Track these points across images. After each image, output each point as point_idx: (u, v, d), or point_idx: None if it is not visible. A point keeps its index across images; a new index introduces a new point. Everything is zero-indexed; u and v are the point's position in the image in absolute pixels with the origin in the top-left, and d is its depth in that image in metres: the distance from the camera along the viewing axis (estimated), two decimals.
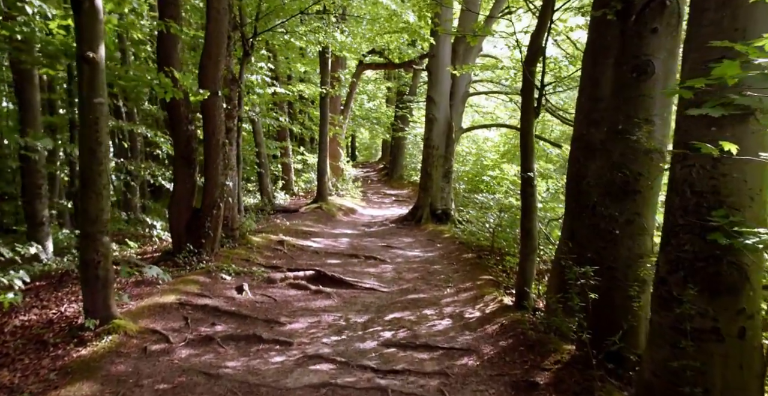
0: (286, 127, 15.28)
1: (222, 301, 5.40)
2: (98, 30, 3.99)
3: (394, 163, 24.19)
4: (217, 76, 6.49)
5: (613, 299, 3.74)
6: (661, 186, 3.91)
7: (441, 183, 12.32)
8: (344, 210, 14.06)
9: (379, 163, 33.22)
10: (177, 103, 6.52)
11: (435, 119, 12.14)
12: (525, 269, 5.69)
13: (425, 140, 12.47)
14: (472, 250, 9.00)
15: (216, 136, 6.63)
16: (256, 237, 8.49)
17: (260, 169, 12.61)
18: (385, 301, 6.17)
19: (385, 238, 10.81)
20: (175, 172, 6.67)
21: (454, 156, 12.63)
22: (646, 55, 3.87)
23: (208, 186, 6.66)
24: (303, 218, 11.80)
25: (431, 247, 9.87)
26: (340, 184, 16.21)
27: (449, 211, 12.27)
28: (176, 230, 6.66)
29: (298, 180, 17.39)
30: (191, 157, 6.69)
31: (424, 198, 12.44)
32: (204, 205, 6.70)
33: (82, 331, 3.87)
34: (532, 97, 5.88)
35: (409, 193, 20.42)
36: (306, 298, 6.05)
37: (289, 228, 10.14)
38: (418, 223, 12.20)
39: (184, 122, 6.63)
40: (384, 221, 13.06)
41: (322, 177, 13.41)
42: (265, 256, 7.73)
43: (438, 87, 12.09)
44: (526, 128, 5.89)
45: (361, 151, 45.87)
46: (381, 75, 29.36)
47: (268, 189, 12.73)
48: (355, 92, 17.25)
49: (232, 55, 7.97)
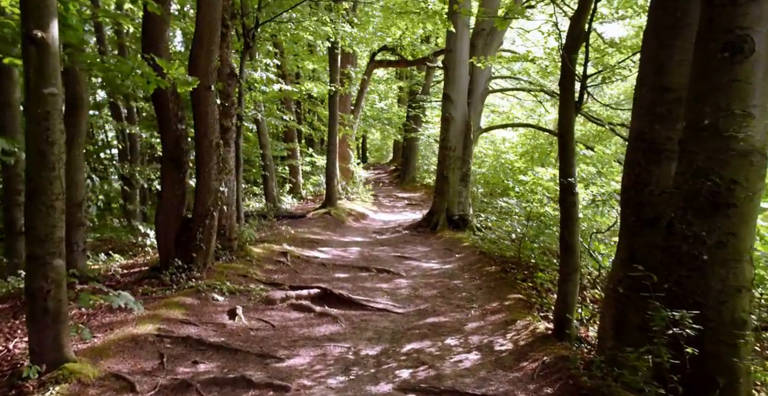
0: (294, 128, 14.53)
1: (210, 329, 4.59)
2: (48, 3, 3.21)
3: (406, 164, 23.35)
4: (210, 68, 5.71)
5: (703, 345, 2.86)
6: (761, 197, 3.03)
7: (458, 187, 11.46)
8: (354, 215, 13.25)
9: (391, 165, 32.42)
10: (165, 98, 5.76)
11: (452, 118, 11.29)
12: (566, 292, 4.82)
13: (441, 141, 11.63)
14: (495, 262, 8.13)
15: (209, 136, 5.85)
16: (257, 248, 7.70)
17: (265, 172, 11.85)
18: (400, 325, 5.34)
19: (399, 246, 9.97)
20: (163, 177, 5.91)
21: (472, 158, 11.77)
22: (742, 28, 2.99)
23: (201, 192, 5.89)
24: (310, 225, 11.01)
25: (449, 257, 9.01)
26: (350, 188, 15.41)
27: (467, 217, 11.41)
28: (163, 243, 5.89)
29: (307, 183, 16.63)
30: (181, 159, 5.92)
31: (439, 203, 11.59)
32: (195, 213, 5.93)
33: (23, 381, 3.08)
34: (573, 89, 5.02)
35: (422, 197, 19.57)
36: (309, 322, 5.23)
37: (295, 236, 9.34)
38: (433, 230, 11.35)
39: (173, 120, 5.86)
40: (397, 227, 12.22)
41: (330, 180, 12.62)
42: (266, 271, 6.93)
43: (455, 84, 11.24)
44: (565, 126, 5.03)
45: (372, 153, 45.09)
46: (392, 74, 28.57)
47: (273, 193, 11.97)
48: (366, 91, 16.45)
49: (230, 47, 7.20)
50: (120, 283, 5.76)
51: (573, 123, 5.02)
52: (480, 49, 11.29)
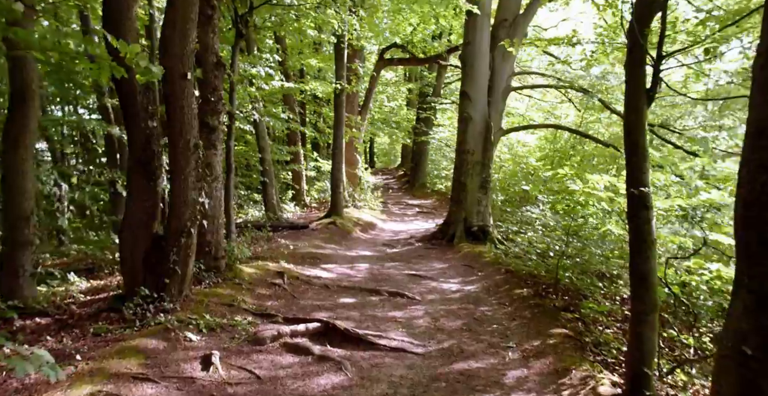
0: (297, 130, 13.47)
1: (173, 388, 3.49)
2: None
3: (416, 169, 22.24)
4: (186, 51, 4.64)
5: None
6: None
7: (477, 194, 10.33)
8: (362, 225, 12.14)
9: (399, 170, 31.39)
10: (131, 88, 4.70)
11: (470, 119, 10.18)
12: (641, 337, 3.68)
13: (458, 144, 10.52)
14: (525, 283, 6.99)
15: (186, 135, 4.77)
16: (249, 267, 6.61)
17: (264, 178, 10.78)
18: (421, 373, 4.21)
19: (412, 262, 8.85)
20: (129, 186, 4.83)
21: (493, 162, 10.64)
22: None
23: (176, 204, 4.80)
24: (313, 237, 9.91)
25: (470, 275, 7.88)
26: (358, 195, 14.32)
27: (487, 228, 10.26)
28: (129, 266, 4.81)
29: (311, 189, 15.56)
30: (152, 163, 4.85)
31: (456, 212, 10.47)
32: (169, 230, 4.84)
33: None
34: (643, 74, 3.90)
35: (434, 204, 18.45)
36: (305, 371, 4.11)
37: (294, 251, 8.24)
38: (450, 243, 10.22)
39: (142, 115, 4.80)
40: (409, 239, 11.10)
41: (336, 187, 11.54)
42: (257, 296, 5.83)
43: (474, 80, 10.14)
44: (633, 122, 3.92)
45: (380, 157, 44.04)
46: (401, 76, 27.53)
47: (273, 201, 10.89)
48: (375, 91, 15.39)
49: (216, 32, 6.15)
50: (74, 316, 4.67)
51: (644, 117, 3.91)
52: (502, 41, 10.18)
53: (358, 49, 13.15)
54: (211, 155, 6.10)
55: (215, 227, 6.16)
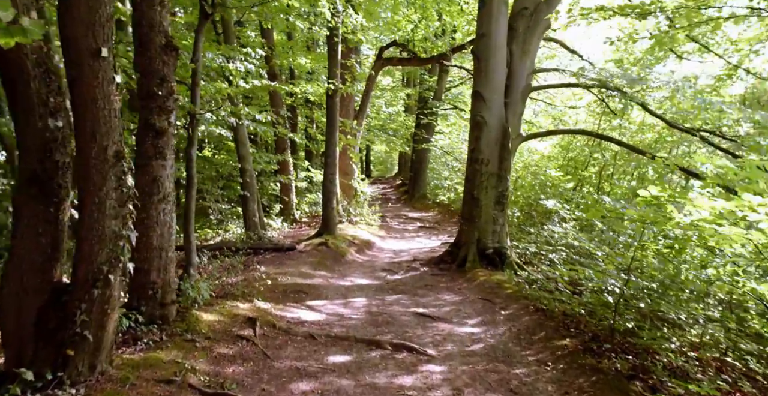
0: (285, 136, 11.95)
1: None
2: None
3: (415, 179, 20.78)
4: (99, 19, 3.15)
5: None
6: None
7: (492, 211, 8.84)
8: (358, 244, 10.61)
9: (396, 179, 30.01)
10: (21, 68, 3.20)
11: (484, 123, 8.72)
12: None
13: (470, 152, 9.04)
14: (565, 328, 5.50)
15: (101, 140, 3.26)
16: (211, 312, 5.07)
17: (244, 191, 9.24)
18: None
19: (418, 294, 7.32)
20: (17, 213, 3.30)
21: (511, 173, 9.17)
22: None
23: (86, 240, 3.28)
24: (300, 261, 8.37)
25: (492, 313, 6.37)
26: (354, 208, 12.80)
27: (504, 251, 8.77)
28: (13, 332, 3.27)
29: (301, 202, 14.04)
30: (52, 181, 3.33)
31: (468, 231, 8.96)
32: (77, 278, 3.31)
33: None
34: None
35: (436, 217, 16.95)
36: None
37: (274, 284, 6.69)
38: (460, 268, 8.71)
39: (39, 111, 3.29)
40: (412, 262, 9.57)
41: (328, 201, 10.02)
42: (215, 360, 4.28)
43: (489, 78, 8.69)
44: None
45: (376, 165, 42.61)
46: (398, 81, 26.12)
47: (254, 218, 9.35)
48: (372, 93, 13.93)
49: (166, 6, 4.66)
50: None
51: None
52: (521, 33, 8.77)
53: (353, 45, 11.71)
54: (158, 167, 4.58)
55: (163, 262, 4.63)
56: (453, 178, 19.96)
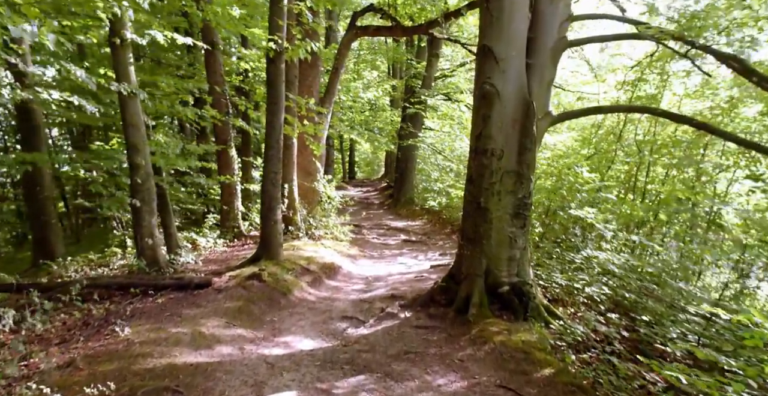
0: (220, 121, 8.83)
1: None
2: None
3: (401, 181, 17.73)
4: None
5: None
6: None
7: (508, 227, 5.83)
8: (314, 272, 7.52)
9: (382, 181, 26.99)
10: None
11: (496, 95, 5.72)
12: None
13: (475, 140, 6.00)
14: None
15: None
16: None
17: (134, 199, 6.10)
18: None
19: (393, 375, 4.25)
20: None
21: (534, 171, 6.15)
22: None
23: None
24: (208, 309, 5.27)
25: None
26: (315, 220, 9.70)
27: (527, 289, 5.76)
28: None
29: (253, 210, 10.90)
30: None
31: (471, 258, 5.93)
32: None
33: None
34: None
35: (425, 227, 13.90)
36: None
37: (130, 367, 3.60)
38: (461, 315, 5.67)
39: None
40: (390, 301, 6.50)
41: (269, 211, 6.88)
42: None
43: (504, 26, 5.69)
44: None
45: (362, 167, 39.52)
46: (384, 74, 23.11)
47: (152, 239, 6.21)
48: (343, 70, 10.85)
49: None
50: None
51: None
52: None
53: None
54: None
55: None
56: (445, 179, 16.96)
